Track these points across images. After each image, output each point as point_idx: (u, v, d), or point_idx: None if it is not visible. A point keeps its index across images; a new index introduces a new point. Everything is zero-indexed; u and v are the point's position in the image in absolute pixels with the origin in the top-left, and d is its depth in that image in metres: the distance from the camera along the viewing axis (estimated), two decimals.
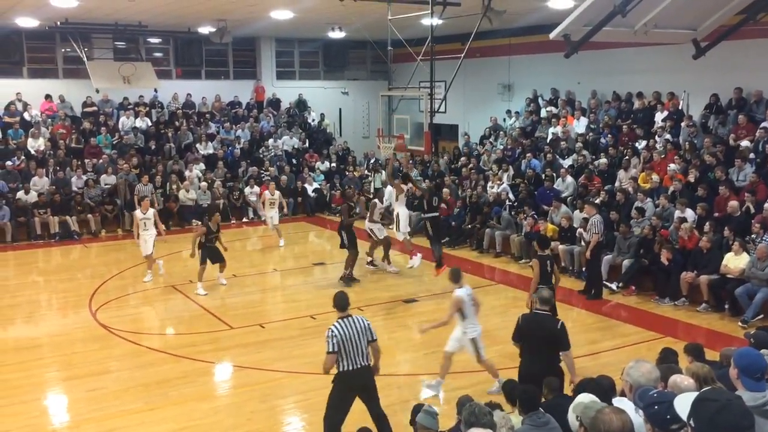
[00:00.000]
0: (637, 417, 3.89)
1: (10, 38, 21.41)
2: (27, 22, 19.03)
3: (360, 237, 14.47)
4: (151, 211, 14.25)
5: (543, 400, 5.61)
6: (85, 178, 19.32)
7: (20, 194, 18.22)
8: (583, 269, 13.63)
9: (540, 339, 7.10)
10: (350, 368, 6.75)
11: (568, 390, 6.31)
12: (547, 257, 9.77)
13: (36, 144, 20.30)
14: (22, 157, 19.70)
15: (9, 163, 19.25)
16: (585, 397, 4.69)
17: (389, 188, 19.73)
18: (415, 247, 14.48)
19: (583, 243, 13.46)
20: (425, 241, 14.73)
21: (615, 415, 3.60)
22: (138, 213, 14.22)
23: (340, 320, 6.87)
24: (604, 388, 5.19)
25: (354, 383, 6.83)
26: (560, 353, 7.13)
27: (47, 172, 19.23)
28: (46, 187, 18.71)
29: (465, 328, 8.50)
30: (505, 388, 6.14)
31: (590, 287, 12.96)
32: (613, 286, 13.11)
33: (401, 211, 13.90)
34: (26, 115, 21.31)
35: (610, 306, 12.53)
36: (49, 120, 21.44)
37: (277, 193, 17.82)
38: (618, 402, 4.63)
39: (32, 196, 18.23)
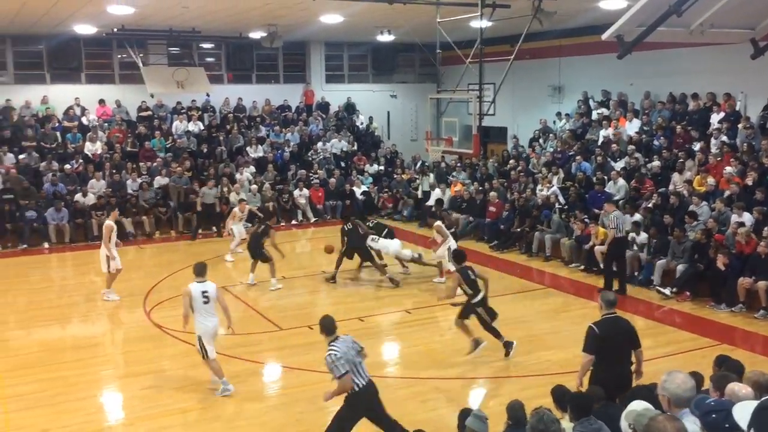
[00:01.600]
0: (691, 425, 3.81)
1: (69, 45, 22.12)
2: (85, 29, 19.60)
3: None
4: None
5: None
6: (139, 180, 19.80)
7: (78, 196, 18.76)
8: (601, 266, 13.79)
9: (620, 342, 6.88)
10: (363, 384, 6.67)
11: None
12: (467, 268, 9.85)
13: (93, 148, 20.88)
14: (80, 161, 20.30)
15: (68, 166, 19.86)
16: (638, 405, 4.61)
17: (437, 190, 19.79)
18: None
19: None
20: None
21: (669, 423, 3.53)
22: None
23: (333, 343, 6.65)
24: (657, 395, 5.08)
25: (367, 399, 6.76)
26: (634, 351, 6.97)
27: (104, 175, 19.78)
28: (102, 189, 19.24)
29: (195, 323, 8.73)
30: (556, 394, 6.05)
31: (609, 283, 12.97)
32: (667, 291, 12.84)
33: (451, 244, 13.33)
34: (84, 120, 21.96)
35: (663, 311, 12.27)
36: (106, 124, 22.04)
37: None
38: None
39: (90, 199, 18.76)
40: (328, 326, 6.77)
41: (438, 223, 14.00)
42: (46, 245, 17.73)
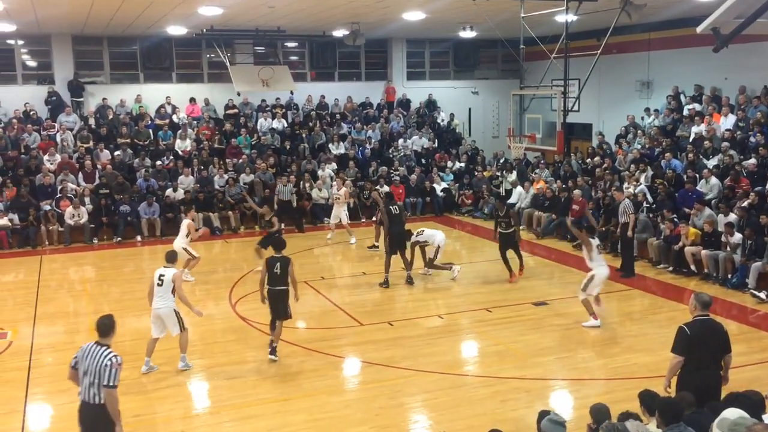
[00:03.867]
0: None
1: (161, 46, 23.05)
2: (176, 30, 20.36)
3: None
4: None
5: None
6: (226, 177, 20.37)
7: (169, 192, 19.48)
8: (618, 249, 14.67)
9: (711, 345, 6.56)
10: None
11: None
12: (279, 258, 9.94)
13: (183, 145, 21.64)
14: (171, 157, 21.09)
15: (159, 162, 20.67)
16: (732, 413, 4.42)
17: (519, 188, 19.52)
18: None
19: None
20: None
21: None
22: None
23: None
24: (754, 403, 4.87)
25: None
26: (723, 356, 6.66)
27: (192, 171, 20.46)
28: (191, 185, 19.91)
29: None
30: (644, 398, 5.86)
31: (626, 266, 13.90)
32: (762, 295, 12.25)
33: (600, 272, 11.16)
34: (174, 118, 22.79)
35: (757, 316, 11.71)
36: (195, 122, 22.80)
37: (344, 189, 18.41)
38: None
39: (179, 194, 19.46)
40: (104, 328, 6.28)
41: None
42: (139, 238, 18.50)
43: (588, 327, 10.97)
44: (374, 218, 17.31)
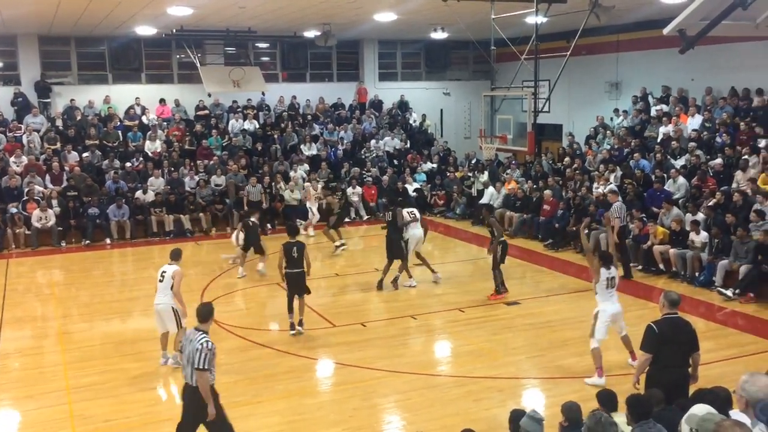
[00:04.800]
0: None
1: (130, 46, 22.79)
2: (145, 30, 20.14)
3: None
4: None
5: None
6: (197, 178, 20.19)
7: (138, 194, 19.26)
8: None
9: (679, 343, 6.67)
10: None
11: None
12: (294, 243, 10.82)
13: (153, 146, 21.41)
14: (141, 159, 20.85)
15: (128, 164, 20.42)
16: (700, 409, 4.49)
17: (491, 189, 19.64)
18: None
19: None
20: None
21: (737, 429, 3.43)
22: None
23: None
24: (721, 399, 4.95)
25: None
26: (691, 354, 6.76)
27: (163, 172, 20.25)
28: (161, 187, 19.70)
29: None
30: (601, 398, 5.94)
31: (625, 270, 13.62)
32: (729, 292, 12.47)
33: (605, 308, 9.12)
34: (144, 119, 22.54)
35: (725, 313, 11.92)
36: (165, 123, 22.57)
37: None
38: (735, 415, 4.41)
39: (149, 196, 19.23)
40: (203, 313, 6.79)
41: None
42: (108, 241, 18.25)
43: (590, 384, 8.68)
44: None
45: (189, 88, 23.42)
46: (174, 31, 20.70)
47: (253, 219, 15.01)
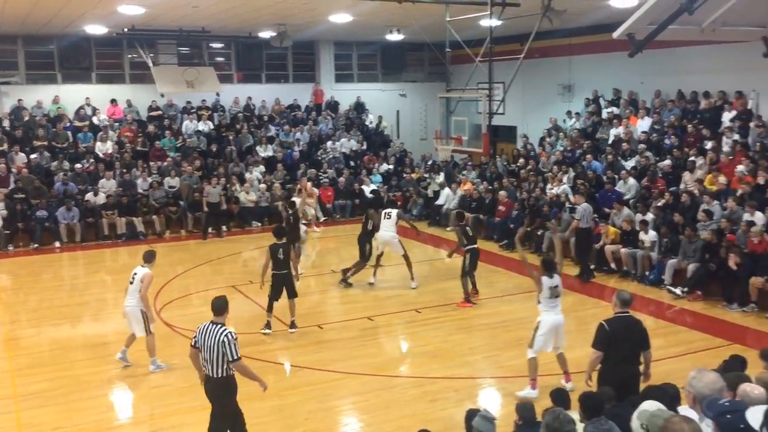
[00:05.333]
0: (704, 427, 3.79)
1: (80, 45, 22.23)
2: (96, 29, 19.70)
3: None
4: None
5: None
6: (150, 180, 19.85)
7: (89, 196, 18.85)
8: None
9: (630, 341, 6.82)
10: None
11: None
12: (281, 245, 10.96)
13: (104, 147, 20.97)
14: (91, 160, 20.40)
15: (78, 165, 19.97)
16: (650, 405, 4.58)
17: (447, 190, 19.76)
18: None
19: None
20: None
21: (686, 425, 3.51)
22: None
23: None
24: (669, 395, 5.06)
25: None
26: (642, 352, 6.90)
27: (114, 174, 19.85)
28: (113, 189, 19.31)
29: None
30: (554, 396, 6.04)
31: (584, 271, 14.02)
32: (678, 291, 12.78)
33: (545, 319, 8.80)
34: (95, 120, 22.05)
35: (674, 311, 12.22)
36: (116, 124, 22.13)
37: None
38: (683, 411, 4.51)
39: (100, 198, 18.84)
40: (217, 306, 6.86)
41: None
42: (57, 244, 17.82)
43: (522, 396, 8.22)
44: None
45: (141, 89, 22.99)
46: (125, 30, 20.29)
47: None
